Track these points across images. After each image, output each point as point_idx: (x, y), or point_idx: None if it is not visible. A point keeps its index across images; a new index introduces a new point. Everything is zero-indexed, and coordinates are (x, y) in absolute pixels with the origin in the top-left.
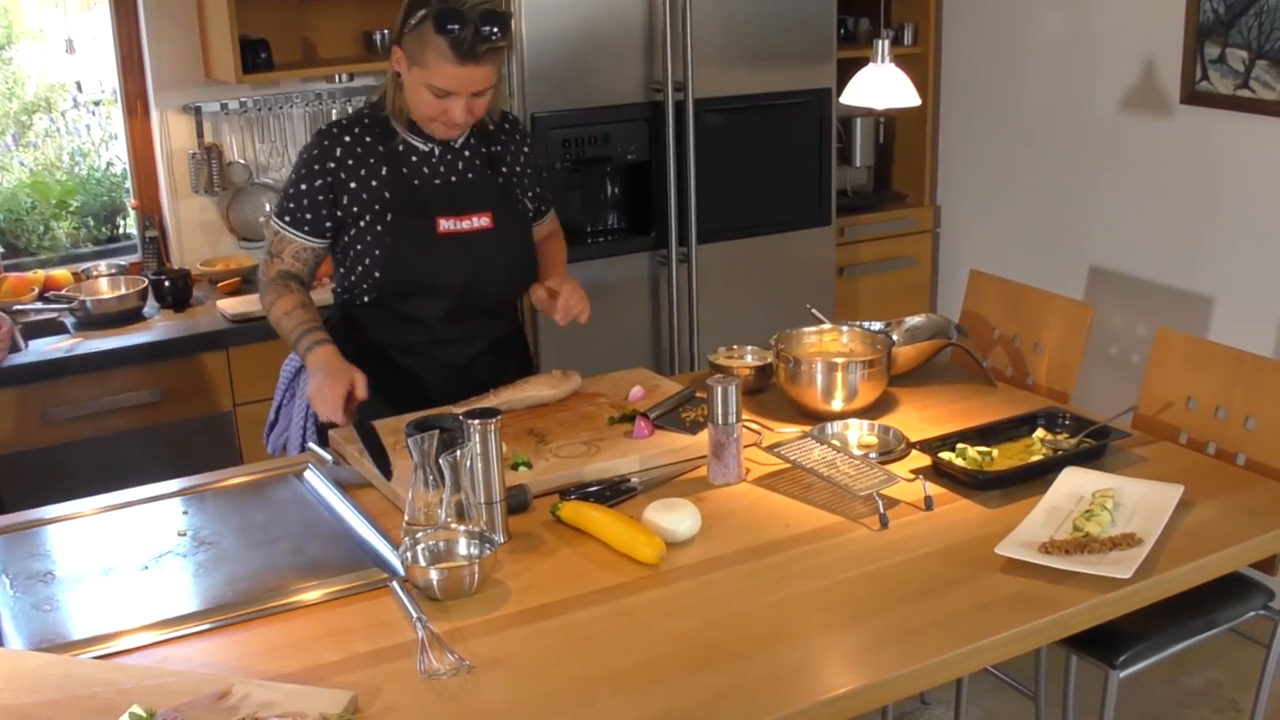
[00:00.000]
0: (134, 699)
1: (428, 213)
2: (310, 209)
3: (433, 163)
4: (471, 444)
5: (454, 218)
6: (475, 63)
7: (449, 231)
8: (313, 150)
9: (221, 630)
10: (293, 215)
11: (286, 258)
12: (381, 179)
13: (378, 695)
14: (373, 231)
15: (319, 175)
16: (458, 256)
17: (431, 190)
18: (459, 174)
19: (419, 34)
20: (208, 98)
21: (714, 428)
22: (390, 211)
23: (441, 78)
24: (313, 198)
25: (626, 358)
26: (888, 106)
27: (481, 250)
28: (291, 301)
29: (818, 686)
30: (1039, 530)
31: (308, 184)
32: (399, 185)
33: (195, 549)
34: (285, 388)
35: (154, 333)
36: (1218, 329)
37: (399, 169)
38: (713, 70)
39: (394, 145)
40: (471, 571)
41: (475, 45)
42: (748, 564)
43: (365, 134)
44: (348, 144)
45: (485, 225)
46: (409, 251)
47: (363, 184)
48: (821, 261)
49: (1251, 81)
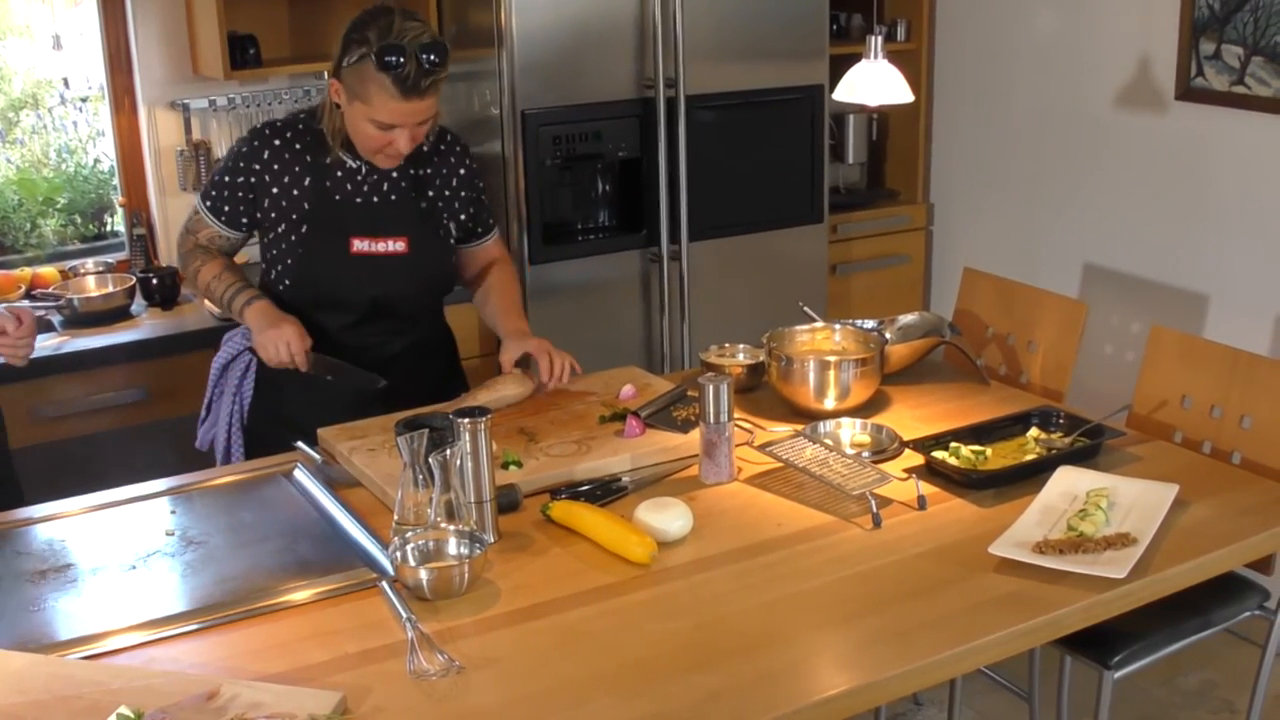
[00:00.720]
0: (121, 700)
1: (343, 231)
2: (229, 201)
3: (357, 180)
4: (461, 443)
5: (369, 239)
6: (420, 96)
7: (361, 252)
8: (243, 147)
9: (209, 630)
10: (215, 202)
11: (202, 238)
12: (303, 189)
13: (367, 696)
14: (287, 240)
15: (242, 173)
16: (368, 277)
17: (351, 209)
18: (381, 195)
19: (359, 70)
20: (196, 94)
21: (705, 426)
22: (306, 224)
23: (385, 113)
24: (234, 192)
25: (617, 356)
26: (880, 103)
27: (393, 272)
28: (217, 265)
29: (810, 687)
30: (1033, 530)
31: (231, 177)
32: (319, 199)
33: (183, 549)
34: (215, 383)
35: (142, 331)
36: (1213, 327)
37: (322, 182)
38: (704, 66)
39: (322, 158)
40: (461, 571)
41: (419, 80)
42: (740, 564)
43: (296, 140)
44: (277, 148)
45: (400, 249)
46: (319, 267)
47: (284, 191)
48: (814, 259)
49: (1247, 78)
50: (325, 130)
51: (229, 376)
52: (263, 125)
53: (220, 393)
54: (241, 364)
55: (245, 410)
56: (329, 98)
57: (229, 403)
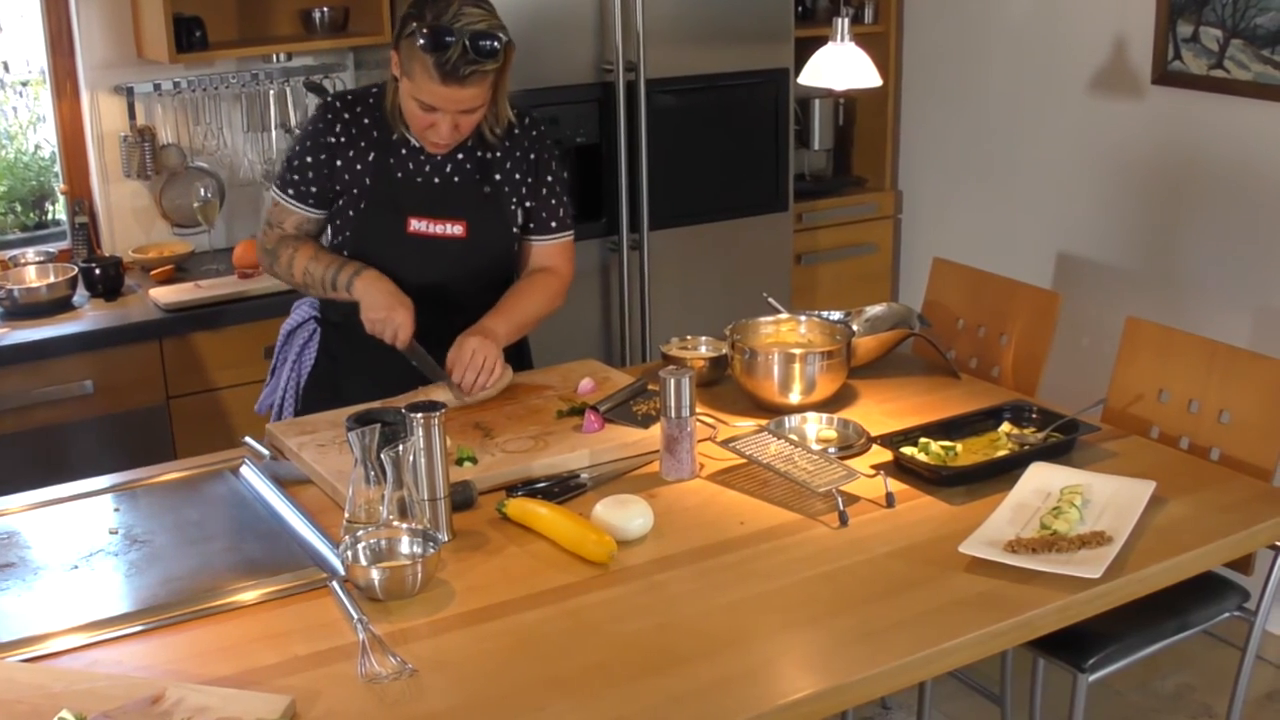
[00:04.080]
0: (63, 703)
1: (400, 210)
2: (315, 181)
3: (420, 160)
4: (414, 438)
5: (427, 219)
6: (460, 84)
7: (418, 233)
8: (317, 123)
9: (154, 632)
10: (296, 188)
11: (289, 228)
12: (367, 164)
13: (317, 700)
14: (345, 215)
15: (319, 149)
16: (423, 258)
17: (410, 187)
18: (443, 175)
19: (409, 46)
20: (140, 78)
21: (666, 421)
22: (365, 200)
23: (427, 94)
24: (317, 170)
25: (576, 348)
26: (848, 87)
27: (450, 256)
28: (310, 248)
29: (774, 691)
30: (1005, 528)
31: (312, 156)
32: (380, 175)
33: (127, 547)
34: (280, 348)
35: (84, 323)
36: (1191, 319)
37: (386, 159)
38: (665, 49)
39: (388, 134)
40: (414, 571)
41: (459, 67)
42: (702, 563)
43: (366, 114)
44: (347, 121)
45: (458, 233)
46: (374, 244)
47: (349, 164)
48: (778, 249)
49: (1226, 61)
50: (388, 104)
51: (292, 343)
52: (334, 97)
53: (285, 359)
54: (306, 332)
55: (303, 378)
56: (390, 70)
57: (289, 369)
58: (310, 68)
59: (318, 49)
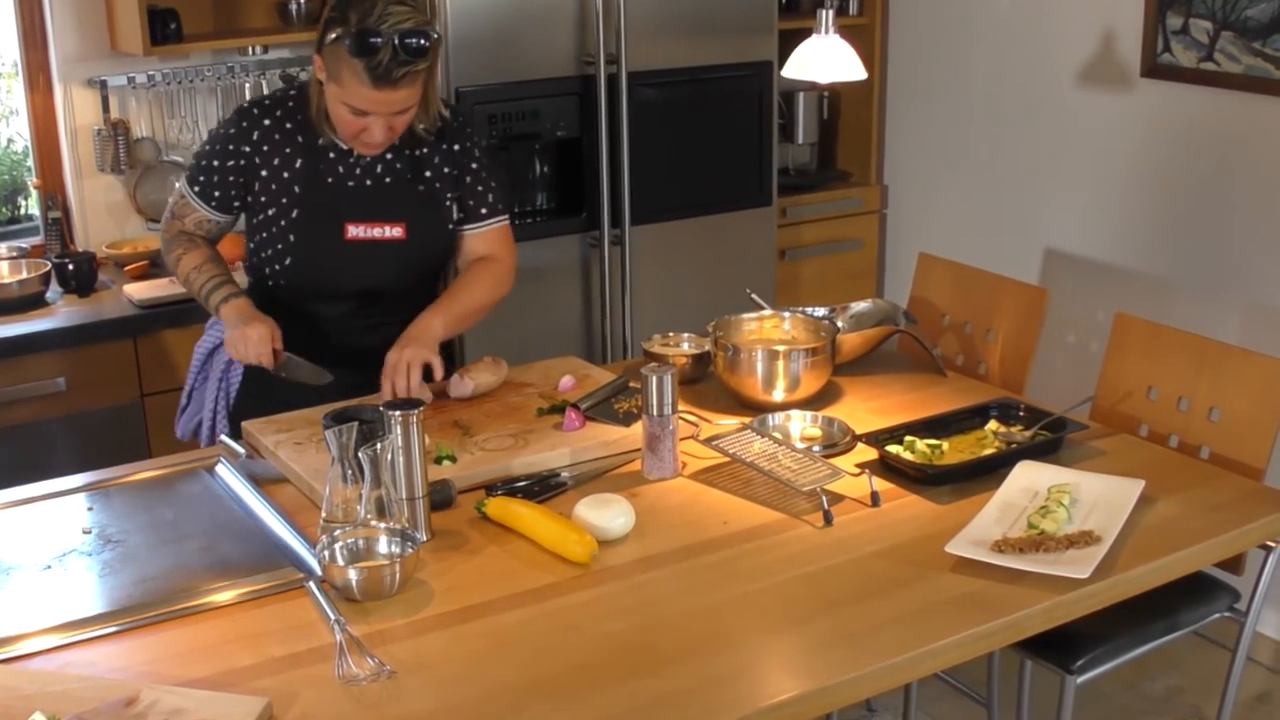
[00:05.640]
0: (35, 706)
1: (337, 216)
2: (220, 186)
3: (350, 163)
4: (392, 436)
5: (364, 224)
6: (393, 87)
7: (357, 238)
8: (230, 128)
9: (129, 633)
10: (202, 186)
11: (188, 223)
12: (294, 172)
13: (294, 702)
14: (277, 225)
15: (232, 155)
16: (364, 264)
17: (344, 192)
18: (375, 177)
19: (336, 51)
20: (114, 71)
21: (648, 419)
22: (298, 208)
23: (358, 99)
24: (223, 175)
25: (556, 345)
26: (832, 80)
27: (390, 259)
28: (200, 255)
29: (758, 693)
30: (992, 528)
31: (220, 160)
32: (311, 182)
33: (101, 547)
34: (198, 369)
35: (57, 319)
36: (1181, 315)
37: (315, 165)
38: (647, 42)
39: (313, 139)
40: (392, 571)
41: (391, 70)
42: (684, 563)
43: (286, 119)
44: (266, 128)
45: (398, 235)
46: (312, 253)
47: (275, 173)
48: (762, 244)
49: (1216, 54)
50: (313, 109)
51: (214, 362)
52: (249, 104)
53: (204, 379)
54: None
55: (231, 396)
56: (314, 75)
57: (214, 388)
58: (287, 60)
59: (294, 41)
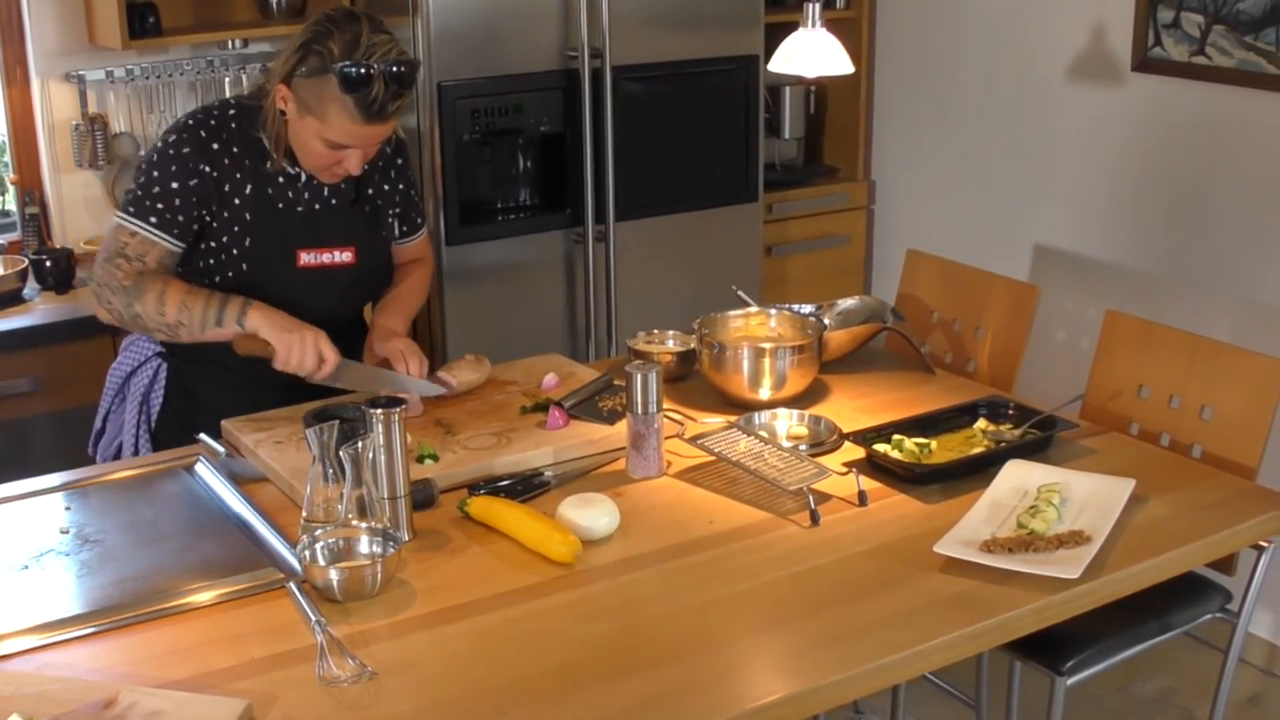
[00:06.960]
0: (13, 708)
1: (288, 243)
2: (183, 210)
3: (298, 188)
4: (374, 435)
5: (314, 250)
6: (383, 121)
7: (309, 265)
8: (182, 147)
9: (107, 634)
10: (160, 216)
11: (151, 262)
12: (245, 197)
13: (274, 704)
14: (228, 253)
15: (192, 175)
16: (316, 291)
17: (294, 218)
18: (323, 201)
19: (317, 85)
20: (92, 65)
21: (633, 418)
22: (249, 236)
23: (342, 135)
24: (185, 197)
25: (539, 343)
26: (819, 74)
27: (341, 285)
28: (182, 285)
29: (744, 694)
30: (980, 527)
31: (179, 182)
32: (261, 209)
33: (79, 547)
34: (115, 393)
35: (34, 316)
36: (1172, 312)
37: (264, 189)
38: (632, 35)
39: (261, 164)
40: (374, 571)
41: (385, 104)
42: (669, 563)
43: (233, 141)
44: (222, 145)
45: (347, 260)
46: (264, 282)
47: (229, 196)
48: (748, 240)
49: (1208, 48)
50: (266, 138)
51: (134, 385)
52: (197, 120)
53: (120, 401)
54: (149, 371)
55: (153, 420)
56: (273, 103)
57: (134, 412)
58: (267, 54)
59: (275, 35)
